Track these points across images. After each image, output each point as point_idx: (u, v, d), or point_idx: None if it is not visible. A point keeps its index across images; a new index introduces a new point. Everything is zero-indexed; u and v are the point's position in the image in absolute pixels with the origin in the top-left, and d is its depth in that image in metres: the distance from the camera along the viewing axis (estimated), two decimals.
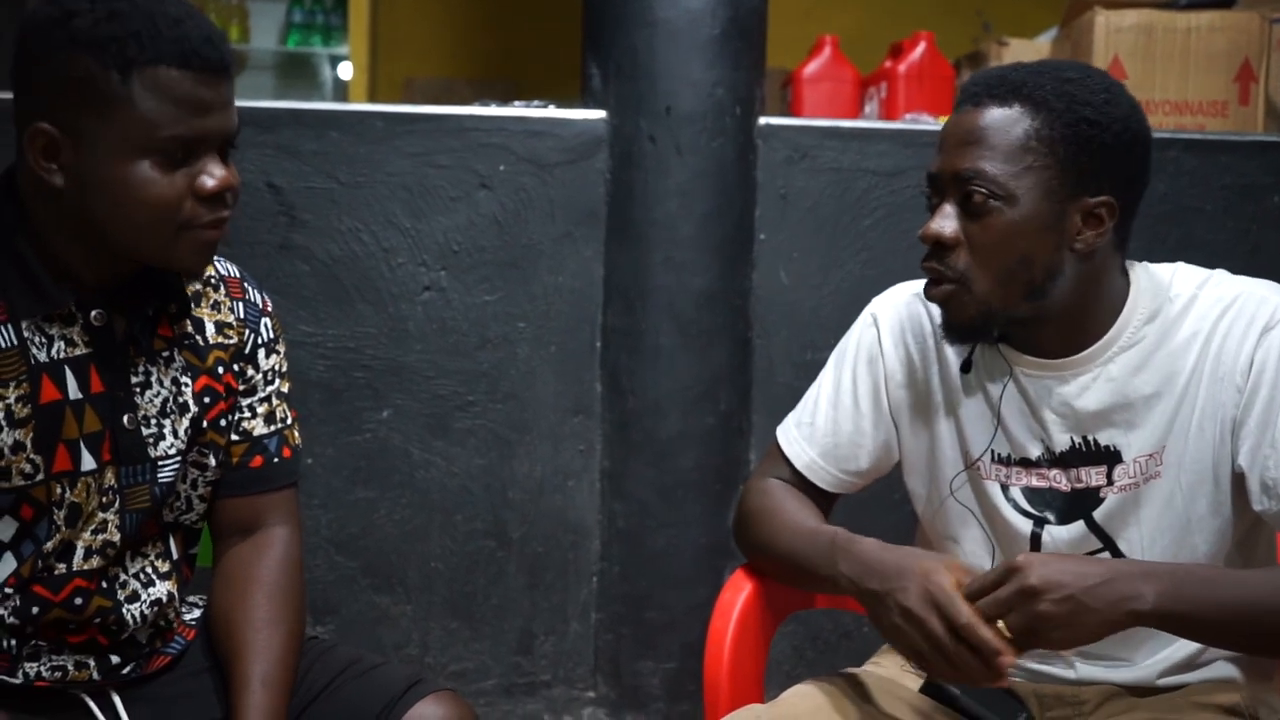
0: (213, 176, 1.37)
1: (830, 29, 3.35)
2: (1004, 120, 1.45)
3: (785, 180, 2.66)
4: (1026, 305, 1.49)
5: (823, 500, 1.74)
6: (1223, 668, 1.58)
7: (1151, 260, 1.61)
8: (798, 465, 1.72)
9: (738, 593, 1.72)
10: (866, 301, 1.75)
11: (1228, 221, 2.69)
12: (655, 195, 2.59)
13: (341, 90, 5.43)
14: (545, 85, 3.84)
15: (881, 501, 2.23)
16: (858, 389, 1.70)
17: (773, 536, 1.68)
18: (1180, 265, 1.59)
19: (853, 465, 1.72)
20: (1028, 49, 3.01)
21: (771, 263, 2.66)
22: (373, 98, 5.09)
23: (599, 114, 2.63)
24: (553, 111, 2.65)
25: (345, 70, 5.32)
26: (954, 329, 1.54)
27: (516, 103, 2.70)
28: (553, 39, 4.60)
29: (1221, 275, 1.56)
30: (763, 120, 2.66)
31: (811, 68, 3.16)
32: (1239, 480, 1.51)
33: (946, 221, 1.48)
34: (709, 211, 2.60)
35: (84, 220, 1.37)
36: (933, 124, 2.79)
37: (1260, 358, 1.48)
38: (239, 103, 2.61)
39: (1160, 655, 1.58)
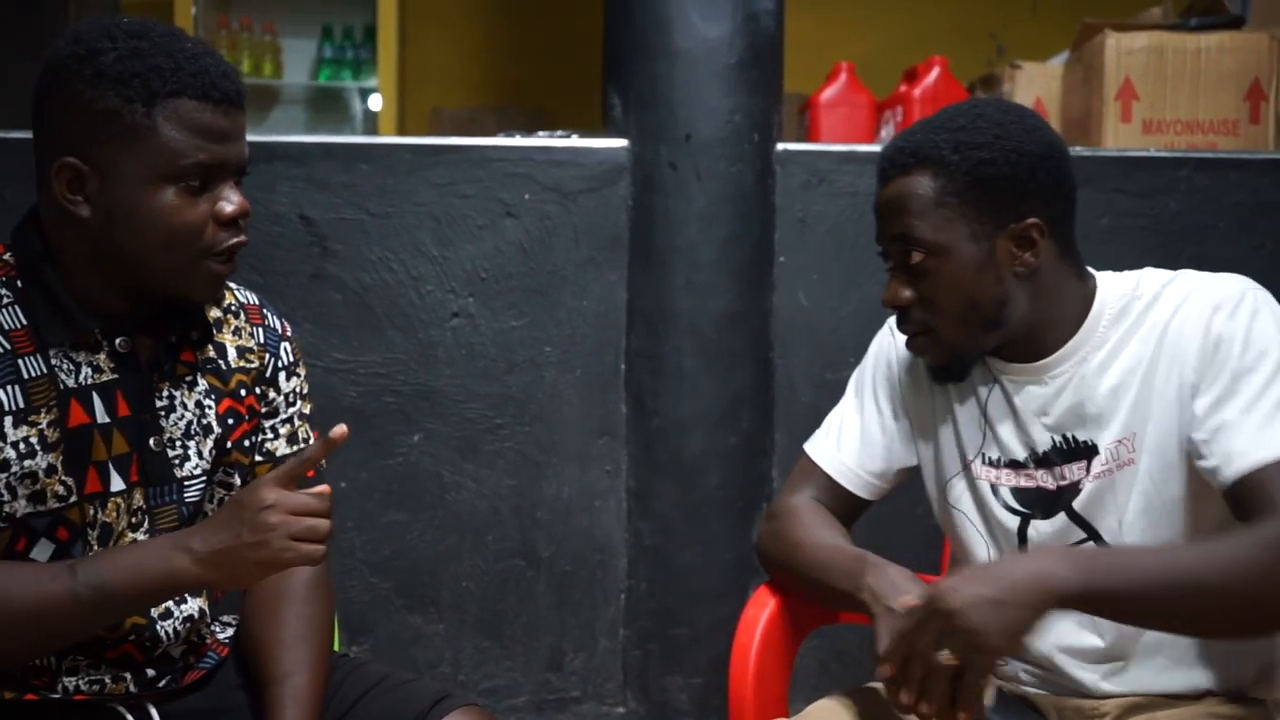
0: (230, 202, 1.43)
1: (846, 55, 3.36)
2: (912, 187, 1.57)
3: (803, 204, 2.69)
4: (991, 336, 1.61)
5: (849, 511, 1.79)
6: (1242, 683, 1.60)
7: None
8: (829, 470, 1.79)
9: (762, 608, 1.75)
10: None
11: (1241, 238, 2.70)
12: (676, 220, 2.63)
13: (371, 122, 5.49)
14: (568, 115, 3.89)
15: (903, 516, 2.26)
16: (878, 394, 1.80)
17: (796, 551, 1.73)
18: (1147, 269, 1.65)
19: (878, 466, 1.79)
20: (1040, 72, 3.04)
21: (791, 285, 2.69)
22: (401, 129, 5.15)
23: (620, 142, 2.67)
24: (575, 141, 2.69)
25: (375, 103, 5.40)
26: (937, 372, 1.68)
27: (540, 133, 2.74)
28: (575, 70, 4.67)
29: (1186, 273, 1.62)
30: (780, 146, 2.69)
31: (828, 93, 3.16)
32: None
33: (899, 288, 1.61)
34: (729, 236, 2.64)
35: (109, 250, 1.42)
36: None
37: (1215, 334, 1.52)
38: (273, 137, 2.70)
39: (1181, 670, 1.60)
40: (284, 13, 5.42)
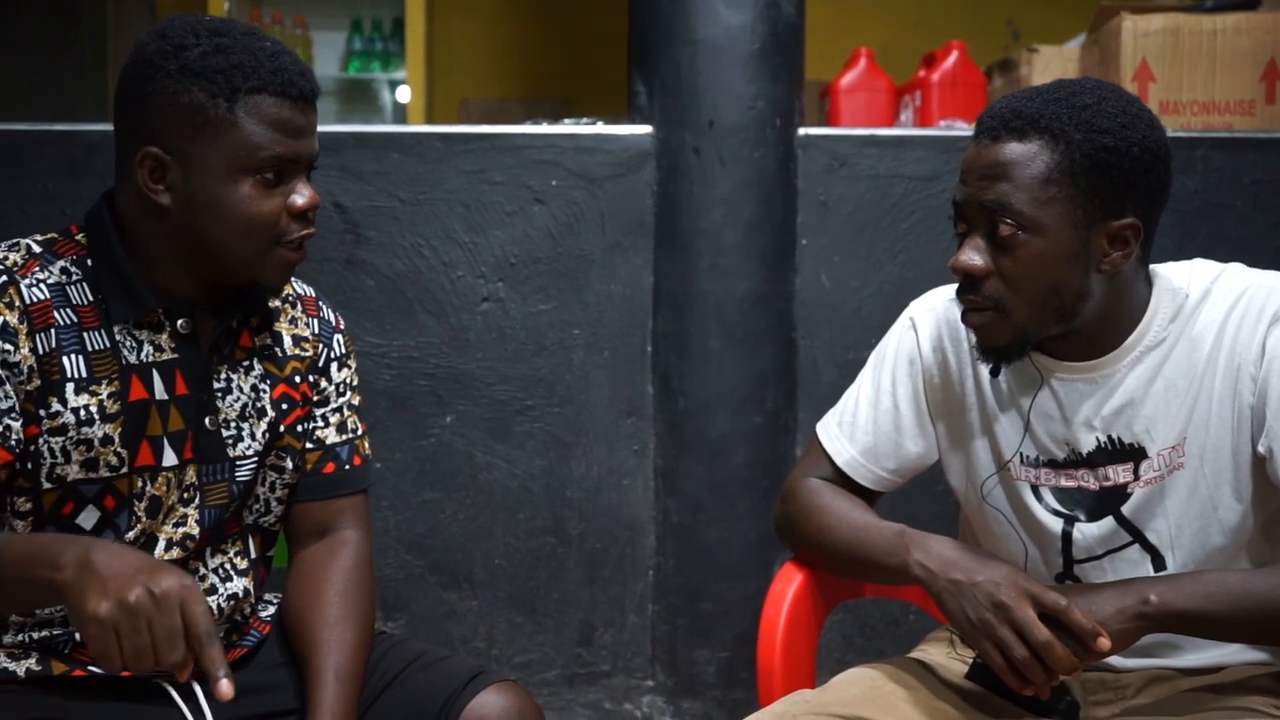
0: (302, 195, 1.49)
1: (865, 41, 3.37)
2: (1024, 155, 1.47)
3: (825, 187, 2.72)
4: (1057, 326, 1.53)
5: (864, 497, 1.76)
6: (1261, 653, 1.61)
7: (1182, 256, 1.64)
8: (839, 462, 1.75)
9: (788, 583, 1.75)
10: (905, 302, 1.79)
11: (1257, 216, 2.72)
12: (701, 205, 2.67)
13: (400, 113, 5.54)
14: (594, 103, 3.93)
15: (925, 492, 2.28)
16: (896, 391, 1.73)
17: (827, 531, 1.70)
18: (1197, 262, 1.60)
19: (891, 464, 1.74)
20: (1057, 55, 3.04)
21: (814, 267, 2.72)
22: (430, 119, 5.19)
23: (645, 129, 2.71)
24: (601, 128, 2.73)
25: (404, 94, 5.44)
26: (990, 352, 1.56)
27: (567, 120, 2.78)
28: (600, 59, 4.71)
29: (1235, 269, 1.58)
30: (802, 131, 2.72)
31: (848, 79, 3.18)
32: (1260, 465, 1.52)
33: (976, 254, 1.50)
34: (752, 219, 2.67)
35: (188, 237, 1.48)
36: (966, 130, 2.81)
37: (1272, 346, 1.50)
38: None
39: (1206, 650, 1.61)
40: (314, 6, 5.50)
